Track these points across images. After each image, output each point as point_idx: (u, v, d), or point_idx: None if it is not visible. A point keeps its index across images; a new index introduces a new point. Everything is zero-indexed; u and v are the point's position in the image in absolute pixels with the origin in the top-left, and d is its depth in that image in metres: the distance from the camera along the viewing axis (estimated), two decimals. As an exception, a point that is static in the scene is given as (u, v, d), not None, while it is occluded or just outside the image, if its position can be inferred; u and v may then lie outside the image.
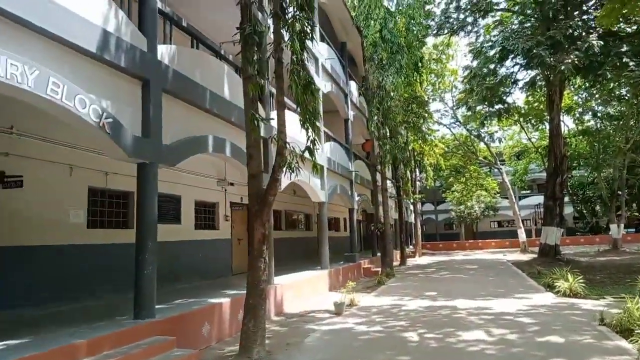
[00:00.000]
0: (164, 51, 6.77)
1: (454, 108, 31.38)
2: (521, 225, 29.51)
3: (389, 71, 15.75)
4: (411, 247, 31.91)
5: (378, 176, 18.48)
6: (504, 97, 21.15)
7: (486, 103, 20.44)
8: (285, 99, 6.97)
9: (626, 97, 21.71)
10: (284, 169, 6.50)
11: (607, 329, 6.74)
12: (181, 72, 7.10)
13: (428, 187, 37.45)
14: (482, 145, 34.79)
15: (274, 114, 7.78)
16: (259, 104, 8.41)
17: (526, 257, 23.84)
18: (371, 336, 7.18)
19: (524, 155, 38.48)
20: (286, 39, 6.58)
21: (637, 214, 37.34)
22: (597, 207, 39.67)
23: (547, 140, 22.86)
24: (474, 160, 34.74)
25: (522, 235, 29.04)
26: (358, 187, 19.06)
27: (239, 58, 6.75)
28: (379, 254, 18.60)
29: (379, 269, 16.80)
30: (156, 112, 6.39)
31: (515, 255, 26.29)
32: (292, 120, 9.26)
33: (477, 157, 33.03)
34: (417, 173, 30.64)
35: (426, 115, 21.71)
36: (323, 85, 14.42)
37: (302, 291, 10.91)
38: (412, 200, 27.55)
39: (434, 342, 6.60)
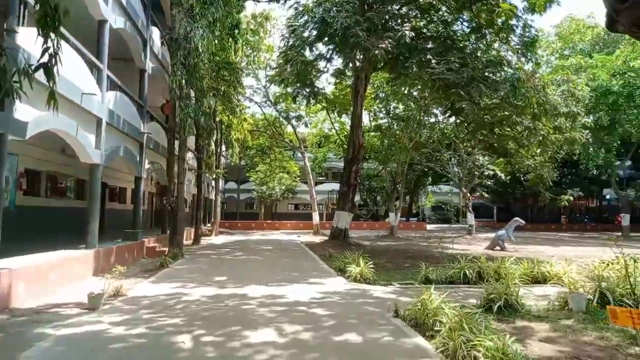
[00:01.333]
0: None
1: (267, 87, 30.66)
2: (316, 208, 30.66)
3: (199, 22, 13.51)
4: (209, 225, 30.13)
5: (177, 144, 16.06)
6: (315, 81, 21.05)
7: (298, 84, 19.96)
8: None
9: (417, 97, 24.05)
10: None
11: (403, 322, 6.22)
12: None
13: (233, 164, 36.16)
14: (289, 129, 35.07)
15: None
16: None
17: (318, 239, 24.54)
18: (127, 343, 5.20)
19: (324, 144, 40.37)
20: None
21: (406, 205, 43.13)
22: (379, 197, 44.54)
23: (349, 130, 23.76)
24: (280, 143, 34.78)
25: (316, 218, 30.16)
26: (151, 154, 16.31)
27: None
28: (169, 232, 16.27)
29: (166, 249, 14.55)
30: None
31: (308, 237, 26.98)
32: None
33: (283, 139, 33.06)
34: (223, 148, 28.92)
35: (238, 85, 20.05)
36: (111, 17, 11.38)
37: (47, 278, 8.08)
38: (214, 176, 25.70)
39: (211, 348, 5.03)
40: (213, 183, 29.74)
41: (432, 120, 28.21)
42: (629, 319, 5.20)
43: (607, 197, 44.11)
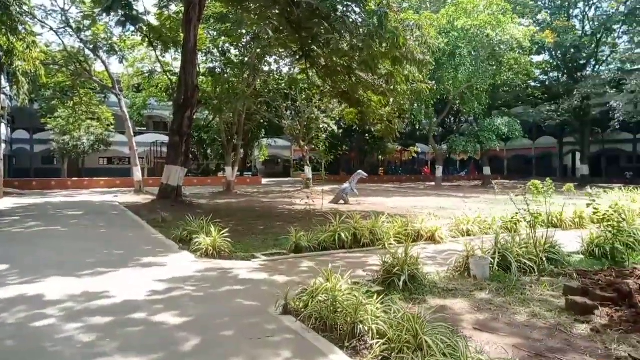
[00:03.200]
0: None
1: (66, 9, 24.21)
2: (137, 163, 26.34)
3: None
4: (-12, 185, 23.29)
5: None
6: (132, 1, 16.92)
7: (110, 3, 15.65)
8: None
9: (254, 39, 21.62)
10: None
11: (302, 325, 4.32)
12: None
13: (21, 106, 28.61)
14: (99, 67, 28.96)
15: None
16: None
17: (142, 198, 20.93)
18: None
19: (145, 86, 35.03)
20: None
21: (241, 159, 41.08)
22: (209, 150, 41.39)
23: (179, 69, 20.16)
24: (88, 82, 28.56)
25: (137, 174, 25.95)
26: None
27: None
28: None
29: None
30: None
31: (129, 196, 22.94)
32: None
33: (91, 77, 27.03)
34: (4, 82, 22.07)
35: (19, -6, 14.63)
36: None
37: None
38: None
39: None
40: (-9, 130, 22.73)
41: (272, 67, 26.19)
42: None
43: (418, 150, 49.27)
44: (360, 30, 11.41)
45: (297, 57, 15.70)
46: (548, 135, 45.17)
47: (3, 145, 24.18)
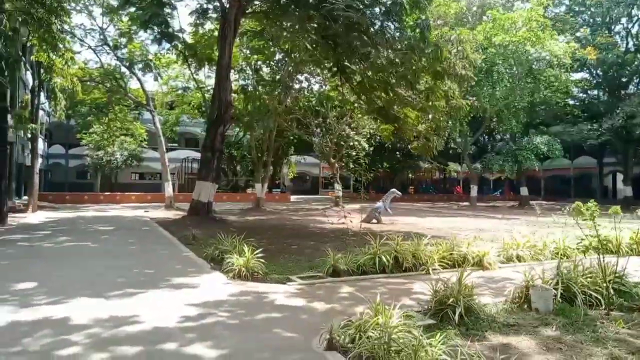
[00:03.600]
0: None
1: (104, 28, 24.88)
2: (169, 178, 26.50)
3: None
4: (25, 198, 23.79)
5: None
6: (168, 19, 17.08)
7: (147, 17, 15.82)
8: None
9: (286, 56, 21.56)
10: None
11: (354, 366, 3.82)
12: None
13: (59, 121, 29.38)
14: (134, 84, 29.61)
15: None
16: None
17: (172, 214, 20.88)
18: None
19: (177, 103, 35.57)
20: None
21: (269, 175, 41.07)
22: (239, 167, 41.53)
23: (213, 85, 20.24)
24: (122, 98, 29.13)
25: (169, 189, 26.07)
26: None
27: None
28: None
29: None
30: None
31: (160, 212, 22.98)
32: None
33: (126, 93, 27.56)
34: (43, 99, 22.68)
35: (60, 11, 14.94)
36: None
37: None
38: (30, 132, 19.75)
39: None
40: (30, 145, 23.29)
41: (303, 84, 26.13)
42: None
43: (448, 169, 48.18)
44: (399, 44, 11.01)
45: (331, 73, 15.40)
46: (587, 155, 43.45)
47: (40, 160, 24.76)
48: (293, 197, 39.87)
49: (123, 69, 27.11)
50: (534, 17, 26.48)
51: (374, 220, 18.58)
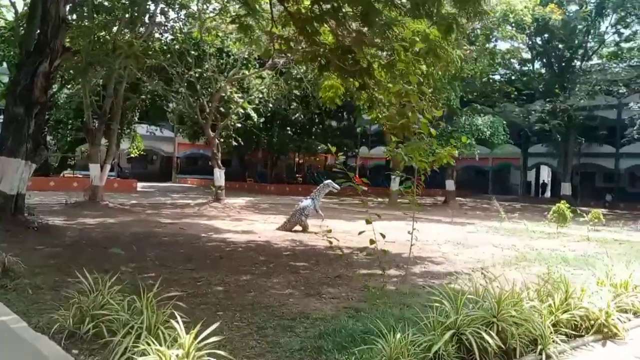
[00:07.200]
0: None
1: None
2: None
3: None
4: None
5: None
6: None
7: None
8: None
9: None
10: None
11: None
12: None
13: None
14: None
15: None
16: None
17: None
18: None
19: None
20: None
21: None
22: (50, 137, 34.49)
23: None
24: None
25: None
26: None
27: None
28: None
29: None
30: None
31: None
32: None
33: None
34: None
35: None
36: None
37: None
38: None
39: None
40: None
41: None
42: None
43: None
44: None
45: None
46: (510, 142, 45.53)
47: None
48: (140, 185, 34.63)
49: None
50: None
51: (297, 227, 15.46)
